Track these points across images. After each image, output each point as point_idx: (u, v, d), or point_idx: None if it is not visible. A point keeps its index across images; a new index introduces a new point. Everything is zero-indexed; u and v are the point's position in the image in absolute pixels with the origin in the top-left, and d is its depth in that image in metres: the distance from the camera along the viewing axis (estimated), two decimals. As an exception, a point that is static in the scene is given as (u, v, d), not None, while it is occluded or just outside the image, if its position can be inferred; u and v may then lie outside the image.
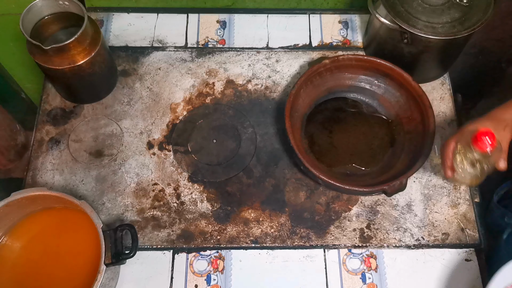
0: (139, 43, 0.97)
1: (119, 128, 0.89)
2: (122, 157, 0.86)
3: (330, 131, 0.88)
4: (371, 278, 0.78)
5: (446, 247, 0.80)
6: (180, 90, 0.93)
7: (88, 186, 0.83)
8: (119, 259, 0.68)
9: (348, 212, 0.83)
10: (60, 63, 0.79)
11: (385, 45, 0.90)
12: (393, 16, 0.81)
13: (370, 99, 0.91)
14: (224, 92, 0.93)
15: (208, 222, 0.81)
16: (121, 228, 0.70)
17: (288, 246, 0.80)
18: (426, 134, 0.81)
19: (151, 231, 0.80)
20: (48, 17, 0.82)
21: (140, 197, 0.83)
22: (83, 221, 0.71)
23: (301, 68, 0.96)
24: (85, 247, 0.73)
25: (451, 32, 0.79)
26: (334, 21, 1.01)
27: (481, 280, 0.78)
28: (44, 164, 0.85)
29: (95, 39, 0.81)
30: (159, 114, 0.90)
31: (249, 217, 0.82)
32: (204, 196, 0.83)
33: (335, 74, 0.89)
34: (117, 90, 0.92)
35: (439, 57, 0.88)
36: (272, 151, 0.87)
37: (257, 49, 0.98)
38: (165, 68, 0.95)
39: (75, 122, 0.89)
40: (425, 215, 0.82)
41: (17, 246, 0.74)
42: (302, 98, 0.86)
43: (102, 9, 1.01)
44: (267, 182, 0.85)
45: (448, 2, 0.82)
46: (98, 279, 0.64)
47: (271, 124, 0.90)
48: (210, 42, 0.98)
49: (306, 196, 0.84)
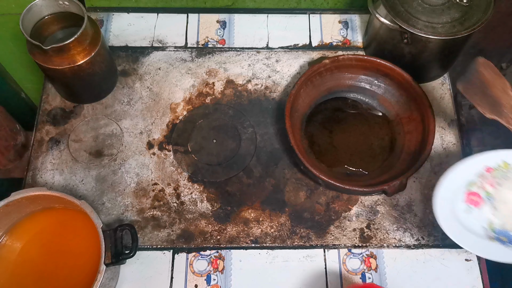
0: (139, 43, 0.97)
1: (119, 128, 0.89)
2: (122, 157, 0.86)
3: (330, 131, 0.88)
4: (371, 278, 0.78)
5: (446, 247, 0.80)
6: (180, 90, 0.93)
7: (88, 186, 0.83)
8: (119, 259, 0.68)
9: (348, 212, 0.83)
10: (60, 63, 0.79)
11: (385, 45, 0.90)
12: (393, 16, 0.81)
13: (370, 99, 0.91)
14: (224, 92, 0.93)
15: (208, 222, 0.81)
16: (121, 228, 0.70)
17: (288, 246, 0.80)
18: (426, 134, 0.81)
19: (151, 231, 0.80)
20: (48, 17, 0.82)
21: (140, 197, 0.83)
22: (83, 221, 0.71)
23: (301, 68, 0.96)
24: (85, 247, 0.73)
25: (451, 32, 0.79)
26: (334, 21, 1.01)
27: (481, 280, 0.78)
28: (44, 164, 0.85)
29: (95, 39, 0.81)
30: (159, 114, 0.90)
31: (249, 217, 0.82)
32: (204, 196, 0.83)
33: (335, 74, 0.89)
34: (117, 90, 0.92)
35: (439, 57, 0.88)
36: (272, 151, 0.87)
37: (257, 49, 0.98)
38: (165, 68, 0.95)
39: (75, 122, 0.89)
40: (425, 215, 0.82)
41: (17, 246, 0.74)
42: (302, 98, 0.86)
43: (102, 9, 1.01)
44: (267, 182, 0.85)
45: (448, 2, 0.82)
46: (98, 279, 0.64)
47: (271, 124, 0.90)
48: (210, 42, 0.98)
49: (306, 196, 0.84)
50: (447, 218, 0.66)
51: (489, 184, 0.68)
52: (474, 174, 0.69)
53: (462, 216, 0.68)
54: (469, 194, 0.68)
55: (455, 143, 0.89)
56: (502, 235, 0.65)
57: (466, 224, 0.67)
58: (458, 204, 0.68)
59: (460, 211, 0.68)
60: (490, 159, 0.68)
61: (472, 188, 0.69)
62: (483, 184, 0.68)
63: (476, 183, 0.69)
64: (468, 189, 0.69)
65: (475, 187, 0.69)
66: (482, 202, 0.68)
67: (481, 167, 0.68)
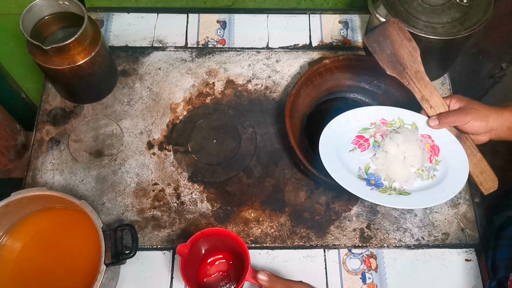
0: (139, 43, 0.97)
1: (119, 128, 0.89)
2: (122, 157, 0.86)
3: (330, 131, 0.88)
4: (371, 278, 0.78)
5: (446, 247, 0.80)
6: (180, 90, 0.93)
7: (88, 186, 0.83)
8: (119, 259, 0.68)
9: (348, 212, 0.83)
10: (60, 63, 0.79)
11: (385, 45, 0.90)
12: (393, 16, 0.81)
13: (370, 99, 0.91)
14: (224, 92, 0.93)
15: (208, 222, 0.81)
16: (121, 228, 0.70)
17: (288, 246, 0.80)
18: (426, 134, 0.81)
19: (151, 231, 0.80)
20: (48, 17, 0.82)
21: (140, 197, 0.83)
22: (83, 221, 0.71)
23: (301, 68, 0.96)
24: (85, 247, 0.73)
25: (451, 32, 0.79)
26: (334, 21, 1.01)
27: (481, 280, 0.78)
28: (44, 164, 0.85)
29: (95, 39, 0.81)
30: (159, 114, 0.90)
31: (249, 217, 0.82)
32: (204, 196, 0.83)
33: (335, 74, 0.89)
34: (117, 90, 0.92)
35: (439, 57, 0.88)
36: (272, 151, 0.87)
37: (257, 49, 0.98)
38: (165, 68, 0.95)
39: (75, 122, 0.89)
40: (425, 215, 0.82)
41: (17, 246, 0.74)
42: (302, 98, 0.86)
43: (102, 9, 1.01)
44: (267, 182, 0.85)
45: (448, 2, 0.82)
46: (98, 279, 0.64)
47: (271, 124, 0.90)
48: (210, 42, 0.98)
49: (306, 196, 0.84)
50: (328, 146, 0.71)
51: (380, 134, 0.73)
52: (370, 122, 0.74)
53: (343, 153, 0.73)
54: (358, 137, 0.74)
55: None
56: (372, 179, 0.70)
57: (344, 160, 0.72)
58: (344, 141, 0.74)
59: (344, 148, 0.73)
60: (388, 113, 0.74)
61: (364, 134, 0.74)
62: (375, 133, 0.74)
63: (369, 130, 0.74)
64: (360, 133, 0.74)
65: (366, 133, 0.74)
66: (367, 147, 0.73)
67: (378, 118, 0.74)
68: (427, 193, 0.68)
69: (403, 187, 0.69)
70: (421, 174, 0.71)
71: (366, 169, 0.72)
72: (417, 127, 0.73)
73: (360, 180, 0.69)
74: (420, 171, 0.71)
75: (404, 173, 0.70)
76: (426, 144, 0.72)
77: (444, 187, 0.68)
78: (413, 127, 0.73)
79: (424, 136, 0.72)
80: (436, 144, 0.72)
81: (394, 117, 0.74)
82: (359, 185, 0.68)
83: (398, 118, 0.74)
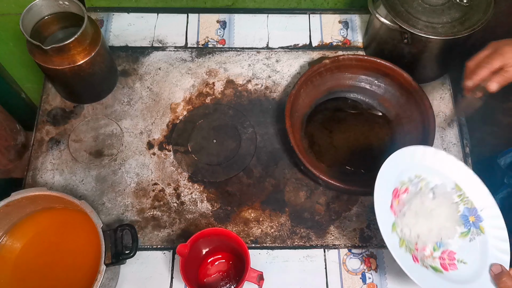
0: (139, 43, 0.97)
1: (119, 128, 0.89)
2: (122, 157, 0.86)
3: (330, 131, 0.88)
4: (371, 278, 0.78)
5: (446, 247, 0.80)
6: (180, 90, 0.93)
7: (88, 186, 0.83)
8: (119, 259, 0.68)
9: (348, 212, 0.83)
10: (60, 63, 0.79)
11: (385, 45, 0.90)
12: (393, 16, 0.81)
13: (370, 99, 0.91)
14: (224, 92, 0.93)
15: (208, 222, 0.81)
16: (121, 228, 0.70)
17: (288, 246, 0.80)
18: (426, 134, 0.81)
19: (151, 231, 0.80)
20: (48, 17, 0.82)
21: (140, 197, 0.83)
22: (83, 221, 0.71)
23: (301, 68, 0.96)
24: (85, 247, 0.73)
25: (451, 32, 0.79)
26: (334, 21, 1.01)
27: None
28: (44, 164, 0.85)
29: (95, 39, 0.81)
30: (159, 114, 0.90)
31: (249, 217, 0.82)
32: (204, 196, 0.83)
33: (335, 74, 0.89)
34: (117, 90, 0.92)
35: (439, 57, 0.88)
36: (272, 151, 0.87)
37: (257, 49, 0.98)
38: (165, 68, 0.95)
39: (75, 122, 0.89)
40: (425, 215, 0.82)
41: (17, 246, 0.74)
42: (302, 98, 0.86)
43: (102, 9, 1.01)
44: (267, 182, 0.85)
45: (448, 2, 0.82)
46: (98, 279, 0.64)
47: (271, 124, 0.90)
48: (210, 42, 0.98)
49: (306, 196, 0.84)
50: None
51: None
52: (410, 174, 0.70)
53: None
54: (396, 191, 0.69)
55: (455, 143, 0.89)
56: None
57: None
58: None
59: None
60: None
61: (401, 187, 0.69)
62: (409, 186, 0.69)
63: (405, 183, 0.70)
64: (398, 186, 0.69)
65: (403, 186, 0.70)
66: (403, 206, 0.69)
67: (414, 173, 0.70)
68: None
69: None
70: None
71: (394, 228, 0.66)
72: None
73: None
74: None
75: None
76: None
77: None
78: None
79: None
80: None
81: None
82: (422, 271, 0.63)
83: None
